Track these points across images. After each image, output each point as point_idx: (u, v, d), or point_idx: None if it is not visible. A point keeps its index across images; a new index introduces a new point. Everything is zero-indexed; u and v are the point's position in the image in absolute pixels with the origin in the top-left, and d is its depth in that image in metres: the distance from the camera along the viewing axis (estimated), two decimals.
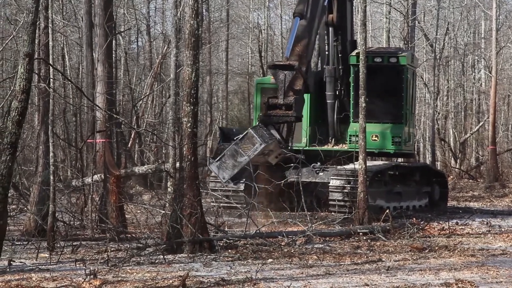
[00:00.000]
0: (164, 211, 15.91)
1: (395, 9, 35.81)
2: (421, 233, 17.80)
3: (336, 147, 22.23)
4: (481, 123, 44.23)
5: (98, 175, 18.05)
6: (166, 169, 16.52)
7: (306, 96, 22.26)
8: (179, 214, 14.46)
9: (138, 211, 20.34)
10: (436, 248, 15.44)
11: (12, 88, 17.12)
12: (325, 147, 22.24)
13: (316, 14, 19.69)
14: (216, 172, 18.25)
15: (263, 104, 19.20)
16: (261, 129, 18.32)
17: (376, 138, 21.40)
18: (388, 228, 17.68)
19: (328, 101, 22.53)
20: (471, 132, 44.61)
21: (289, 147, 19.49)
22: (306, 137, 22.39)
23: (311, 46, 19.44)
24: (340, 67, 22.51)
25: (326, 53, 22.66)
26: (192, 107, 14.63)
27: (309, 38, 19.12)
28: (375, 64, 21.31)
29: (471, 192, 32.43)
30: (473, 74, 47.44)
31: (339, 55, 22.50)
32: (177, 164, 16.22)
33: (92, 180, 18.79)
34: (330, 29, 22.43)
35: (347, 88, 22.36)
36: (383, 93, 21.81)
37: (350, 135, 21.99)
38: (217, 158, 18.05)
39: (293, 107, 18.34)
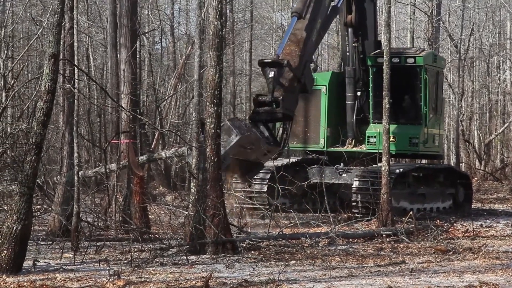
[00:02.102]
0: (187, 212, 15.93)
1: (420, 9, 35.64)
2: (445, 235, 17.71)
3: (355, 148, 22.17)
4: (506, 125, 43.90)
5: (122, 161, 17.92)
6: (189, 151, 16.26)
7: (324, 97, 22.26)
8: (202, 215, 14.49)
9: (162, 212, 20.41)
10: (460, 250, 15.35)
11: (37, 88, 17.27)
12: (344, 148, 22.20)
13: (318, 15, 19.35)
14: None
15: (252, 101, 18.99)
16: (239, 121, 17.84)
17: (394, 139, 21.30)
18: (411, 230, 17.60)
19: (347, 102, 22.47)
20: (496, 133, 44.29)
21: (285, 147, 19.01)
22: (324, 138, 22.35)
23: (309, 46, 18.96)
24: (362, 68, 22.42)
25: (347, 54, 22.60)
26: (215, 108, 14.66)
27: (307, 37, 18.84)
28: (393, 64, 21.21)
29: (495, 194, 32.20)
30: (498, 75, 47.10)
31: (360, 56, 22.42)
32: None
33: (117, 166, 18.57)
34: (350, 30, 22.37)
35: (367, 89, 22.30)
36: (401, 94, 21.69)
37: (369, 136, 21.93)
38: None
39: (280, 105, 17.90)
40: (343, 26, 22.73)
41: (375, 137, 21.79)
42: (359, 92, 22.48)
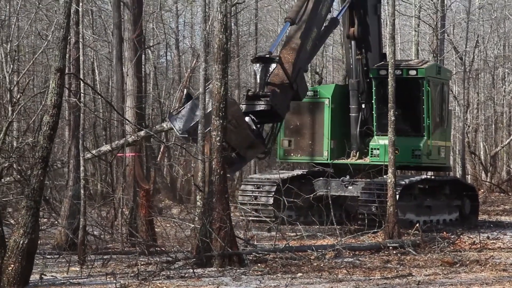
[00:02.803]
0: (193, 225, 15.93)
1: (424, 22, 35.68)
2: (452, 248, 17.66)
3: (358, 161, 22.16)
4: None
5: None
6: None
7: (327, 110, 22.26)
8: (209, 228, 14.48)
9: (168, 225, 20.39)
10: (467, 262, 15.30)
11: (43, 102, 17.32)
12: (348, 161, 22.19)
13: (314, 24, 19.41)
14: (173, 126, 17.43)
15: (243, 95, 18.90)
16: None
17: (397, 151, 21.31)
18: (418, 242, 17.56)
19: (351, 114, 22.50)
20: (502, 145, 44.21)
21: (269, 148, 18.82)
22: (327, 151, 22.37)
23: (303, 54, 18.94)
24: (367, 80, 22.45)
25: (351, 66, 22.65)
26: (221, 121, 14.68)
27: (301, 45, 18.89)
28: (395, 76, 21.21)
29: (502, 206, 32.10)
30: (504, 87, 47.06)
31: (364, 68, 22.46)
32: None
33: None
34: (352, 42, 22.43)
35: (371, 101, 22.32)
36: (403, 106, 21.67)
37: (372, 149, 21.94)
38: (177, 112, 17.61)
39: (269, 98, 17.73)
40: (346, 39, 22.78)
41: (378, 149, 21.79)
42: (363, 104, 22.50)
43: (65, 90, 14.32)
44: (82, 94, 16.54)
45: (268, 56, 18.03)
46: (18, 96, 19.03)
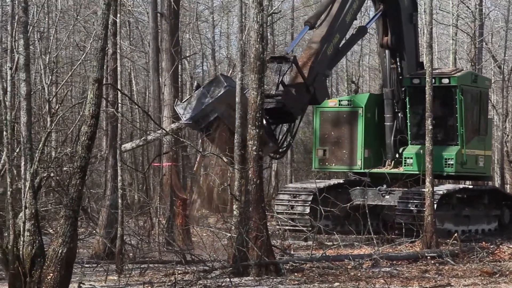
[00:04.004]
0: (230, 234, 15.95)
1: (462, 30, 35.42)
2: (491, 257, 17.47)
3: (392, 170, 22.05)
4: None
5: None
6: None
7: (361, 119, 22.18)
8: (245, 237, 14.49)
9: (204, 234, 20.44)
10: (507, 272, 15.13)
11: (81, 113, 17.46)
12: (382, 170, 22.10)
13: (336, 30, 19.31)
14: (180, 113, 17.18)
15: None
16: (231, 79, 17.61)
17: None
18: (456, 252, 17.40)
19: (386, 123, 22.43)
20: None
21: (282, 148, 18.42)
22: (361, 160, 22.29)
23: (323, 58, 18.87)
24: (401, 89, 22.34)
25: (386, 75, 22.61)
26: (257, 130, 14.70)
27: (320, 49, 18.81)
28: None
29: None
30: None
31: (399, 77, 22.37)
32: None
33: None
34: (387, 51, 22.36)
35: (405, 110, 22.22)
36: (436, 114, 21.49)
37: (405, 157, 21.81)
38: (184, 100, 17.50)
39: (281, 97, 17.63)
40: (380, 48, 22.74)
41: (411, 158, 21.69)
42: (399, 113, 22.41)
43: (102, 101, 14.45)
44: (119, 104, 16.66)
45: (283, 56, 17.99)
46: (57, 107, 19.23)
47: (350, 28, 20.93)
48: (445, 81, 21.68)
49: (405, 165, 21.80)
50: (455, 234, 18.92)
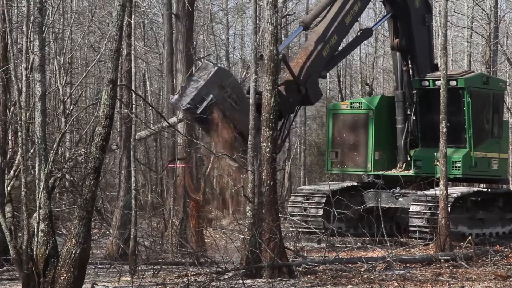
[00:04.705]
0: (243, 236, 15.95)
1: (477, 33, 35.30)
2: (505, 261, 17.38)
3: (401, 172, 22.00)
4: None
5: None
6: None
7: (371, 121, 22.12)
8: (258, 239, 14.48)
9: (217, 236, 20.45)
10: None
11: (95, 114, 17.52)
12: (392, 172, 22.05)
13: (333, 31, 19.14)
14: (176, 104, 17.13)
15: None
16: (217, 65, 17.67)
17: (438, 163, 21.10)
18: (470, 255, 17.33)
19: (397, 125, 22.39)
20: None
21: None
22: (371, 162, 22.25)
23: (317, 59, 18.71)
24: (413, 91, 22.26)
25: (397, 77, 22.59)
26: (271, 132, 14.70)
27: (314, 50, 18.70)
28: (437, 87, 20.99)
29: None
30: None
31: (411, 80, 22.30)
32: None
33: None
34: (397, 53, 22.31)
35: (415, 113, 22.16)
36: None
37: (415, 160, 21.75)
38: (176, 92, 17.42)
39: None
40: (392, 50, 22.72)
41: (420, 160, 21.65)
42: (411, 116, 22.36)
43: (117, 102, 14.49)
44: (133, 105, 16.69)
45: None
46: (71, 108, 19.33)
47: (354, 30, 20.85)
48: (453, 83, 21.59)
49: (414, 167, 21.76)
50: (469, 237, 18.84)
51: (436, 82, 21.23)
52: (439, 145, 19.02)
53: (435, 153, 20.61)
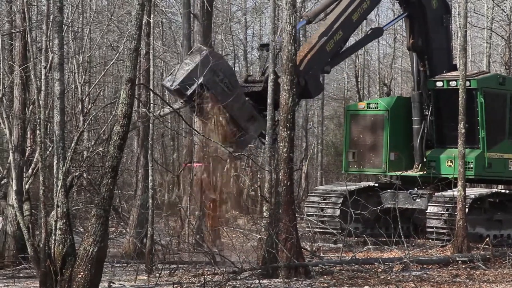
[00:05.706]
0: (259, 236, 15.95)
1: (497, 33, 35.12)
2: None
3: (416, 173, 21.92)
4: None
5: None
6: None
7: (386, 122, 22.06)
8: (275, 239, 14.48)
9: (234, 235, 20.46)
10: None
11: (113, 113, 17.58)
12: (407, 173, 21.98)
13: (338, 26, 18.96)
14: (168, 85, 16.94)
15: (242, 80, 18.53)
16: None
17: (451, 164, 20.98)
18: (488, 256, 17.25)
19: (414, 126, 22.31)
20: None
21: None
22: (386, 163, 22.18)
23: (320, 53, 18.55)
24: (429, 92, 22.18)
25: (414, 77, 22.53)
26: (288, 132, 14.69)
27: (316, 43, 18.58)
28: (451, 88, 20.89)
29: None
30: None
31: (427, 80, 22.22)
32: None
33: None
34: (414, 54, 22.24)
35: (431, 113, 22.08)
36: (457, 118, 21.30)
37: (429, 161, 21.67)
38: (169, 74, 17.40)
39: (263, 82, 17.29)
40: (408, 50, 22.66)
41: (435, 161, 21.58)
42: (428, 116, 22.27)
43: (135, 101, 14.53)
44: (151, 104, 16.73)
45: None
46: (89, 107, 19.38)
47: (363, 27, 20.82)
48: (466, 84, 21.49)
49: (428, 168, 21.68)
50: (487, 239, 18.75)
51: (450, 83, 21.15)
52: (452, 146, 18.94)
53: (451, 154, 20.54)
